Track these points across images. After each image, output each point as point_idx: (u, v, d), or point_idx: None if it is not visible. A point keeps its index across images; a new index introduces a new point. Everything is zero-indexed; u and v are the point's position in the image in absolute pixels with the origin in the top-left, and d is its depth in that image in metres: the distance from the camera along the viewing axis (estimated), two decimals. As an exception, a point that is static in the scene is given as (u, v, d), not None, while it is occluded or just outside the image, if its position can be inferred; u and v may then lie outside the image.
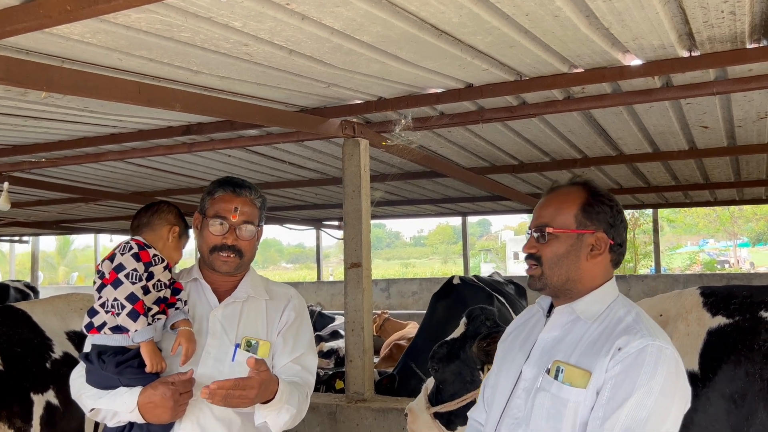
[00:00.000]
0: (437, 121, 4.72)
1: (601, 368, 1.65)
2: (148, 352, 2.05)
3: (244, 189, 2.27)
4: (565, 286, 1.81)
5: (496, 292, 6.22)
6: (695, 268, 26.98)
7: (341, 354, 7.50)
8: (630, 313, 1.76)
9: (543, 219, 1.84)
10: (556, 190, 1.90)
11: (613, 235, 1.82)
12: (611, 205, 1.84)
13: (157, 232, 2.25)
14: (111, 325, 2.06)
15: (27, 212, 10.31)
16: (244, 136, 5.34)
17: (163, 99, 3.45)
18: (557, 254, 1.80)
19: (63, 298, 3.14)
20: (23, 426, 2.46)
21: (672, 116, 5.13)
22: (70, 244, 34.92)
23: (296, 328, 2.31)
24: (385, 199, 9.91)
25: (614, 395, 1.61)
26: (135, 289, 2.06)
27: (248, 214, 2.25)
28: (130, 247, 2.13)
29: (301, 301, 2.39)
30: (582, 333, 1.76)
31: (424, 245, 55.81)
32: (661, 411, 1.59)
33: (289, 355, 2.25)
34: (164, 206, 2.32)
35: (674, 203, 11.86)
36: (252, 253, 2.31)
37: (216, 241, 2.22)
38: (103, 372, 2.09)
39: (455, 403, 3.01)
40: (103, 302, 2.07)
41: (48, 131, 5.10)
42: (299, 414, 2.17)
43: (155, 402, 2.02)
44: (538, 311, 1.97)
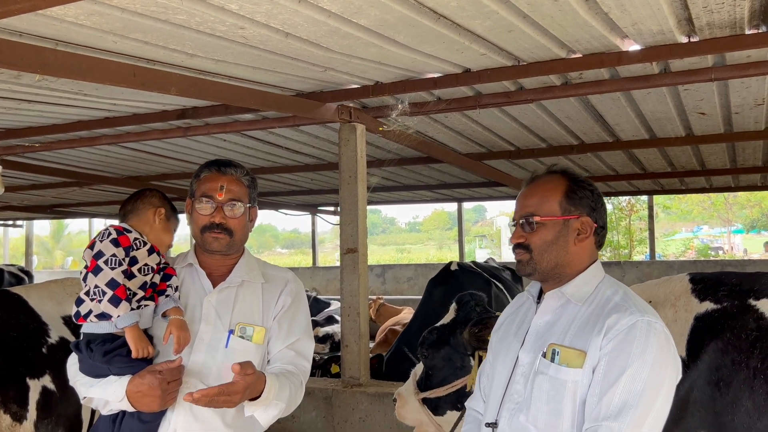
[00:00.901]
0: (434, 107, 4.70)
1: (595, 347, 1.70)
2: (132, 337, 2.03)
3: (229, 167, 2.24)
4: (554, 270, 1.86)
5: (494, 278, 6.22)
6: (689, 255, 27.08)
7: (336, 339, 7.52)
8: (617, 292, 1.82)
9: (528, 209, 1.88)
10: (537, 179, 1.94)
11: (596, 218, 1.88)
12: (591, 189, 1.90)
13: (142, 216, 2.23)
14: (96, 313, 2.04)
15: (21, 196, 10.25)
16: (240, 120, 5.31)
17: (158, 82, 3.42)
18: (546, 241, 1.85)
19: (59, 282, 3.12)
20: (19, 411, 2.45)
21: (669, 102, 5.12)
22: (64, 229, 34.78)
23: (292, 313, 2.27)
24: (381, 184, 9.89)
25: (609, 371, 1.67)
26: (115, 275, 2.03)
27: (235, 192, 2.21)
28: (108, 233, 2.11)
29: (298, 285, 2.35)
30: (573, 315, 1.81)
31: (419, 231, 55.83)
32: (655, 382, 1.65)
33: (284, 341, 2.22)
34: (147, 191, 2.30)
35: (670, 190, 11.88)
36: (243, 233, 2.27)
37: (204, 221, 2.19)
38: (91, 361, 2.07)
39: (444, 390, 3.00)
40: (87, 290, 2.05)
41: (41, 114, 5.06)
42: (292, 403, 2.14)
43: (143, 391, 2.00)
44: (528, 298, 2.01)
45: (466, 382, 2.94)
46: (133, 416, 2.06)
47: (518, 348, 1.89)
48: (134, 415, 2.05)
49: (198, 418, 2.08)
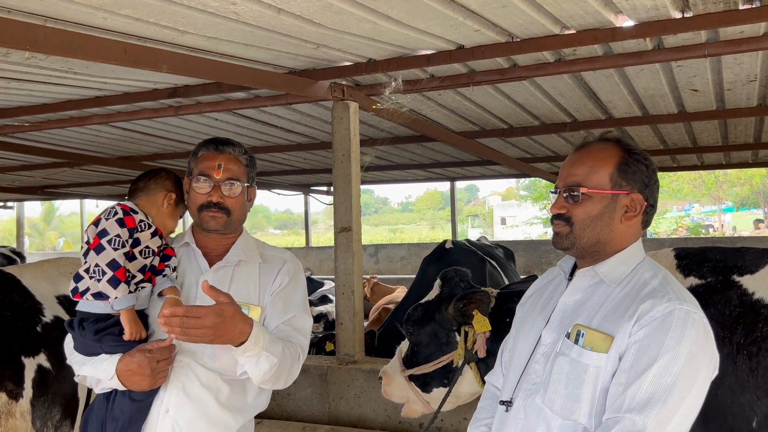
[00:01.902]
0: (427, 84, 4.67)
1: (624, 333, 1.60)
2: (127, 320, 2.02)
3: (227, 146, 2.21)
4: (594, 247, 1.74)
5: (488, 256, 6.25)
6: (680, 233, 27.25)
7: (330, 318, 7.55)
8: (656, 276, 1.70)
9: (575, 178, 1.74)
10: (588, 146, 1.79)
11: (647, 195, 1.75)
12: (647, 164, 1.76)
13: (152, 197, 2.21)
14: (93, 291, 2.03)
15: (11, 177, 10.18)
16: (232, 98, 5.27)
17: (149, 60, 3.38)
18: (590, 215, 1.72)
19: (52, 262, 3.11)
20: (15, 389, 2.45)
21: (662, 79, 5.12)
22: (55, 210, 34.64)
23: (289, 291, 2.25)
24: (374, 164, 9.87)
25: (638, 361, 1.56)
26: (117, 256, 2.01)
27: (233, 171, 2.19)
28: (115, 212, 2.09)
29: (296, 265, 2.33)
30: (605, 296, 1.70)
31: (411, 211, 55.89)
32: (687, 378, 1.54)
33: (280, 317, 2.19)
34: (162, 173, 2.27)
35: (662, 167, 11.90)
36: (241, 212, 2.25)
37: (202, 200, 2.17)
38: (83, 339, 2.07)
39: (431, 366, 3.00)
40: (87, 267, 2.03)
41: (31, 93, 5.01)
42: (288, 374, 2.10)
43: (133, 370, 1.99)
44: (559, 274, 1.91)
45: (452, 357, 2.94)
46: (125, 395, 2.06)
47: (542, 326, 1.80)
48: (125, 393, 2.06)
49: (191, 397, 2.08)
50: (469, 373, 2.88)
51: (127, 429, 2.05)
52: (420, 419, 3.92)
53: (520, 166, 9.43)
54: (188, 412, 2.08)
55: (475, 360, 2.84)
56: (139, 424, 2.07)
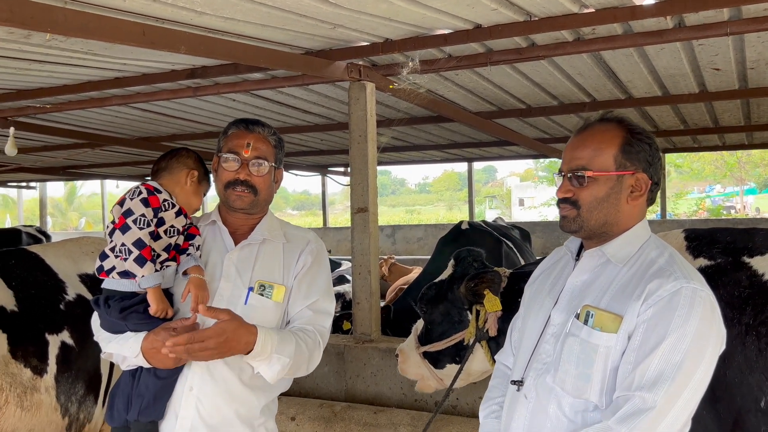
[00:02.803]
0: (444, 64, 4.65)
1: (633, 312, 1.61)
2: (154, 298, 2.05)
3: (257, 126, 2.23)
4: (601, 229, 1.75)
5: (504, 237, 6.24)
6: (701, 214, 26.96)
7: (347, 298, 7.59)
8: (663, 254, 1.71)
9: (579, 161, 1.74)
10: (590, 128, 1.79)
11: (651, 173, 1.75)
12: (649, 142, 1.76)
13: (174, 175, 2.23)
14: (119, 270, 2.06)
15: (33, 158, 10.30)
16: (249, 79, 5.28)
17: (167, 41, 3.40)
18: (597, 198, 1.72)
19: (74, 241, 3.17)
20: (39, 365, 2.52)
21: (683, 58, 5.05)
22: (77, 191, 35.04)
23: (313, 273, 2.26)
24: (390, 144, 9.86)
25: (647, 339, 1.58)
26: (142, 235, 2.04)
27: (261, 151, 2.20)
28: (139, 192, 2.11)
29: (319, 245, 2.33)
30: (612, 276, 1.71)
31: (429, 192, 55.77)
32: (695, 354, 1.56)
33: (303, 301, 2.20)
34: (183, 151, 2.29)
35: (682, 148, 11.77)
36: (268, 193, 2.26)
37: (229, 177, 2.19)
38: (109, 317, 2.10)
39: (443, 343, 3.06)
40: (113, 246, 2.06)
41: (51, 75, 5.06)
42: (304, 360, 2.12)
43: (157, 348, 2.01)
44: (566, 254, 1.91)
45: (464, 336, 2.99)
46: (150, 372, 2.09)
47: (551, 306, 1.81)
48: (151, 371, 2.09)
49: (214, 376, 2.11)
50: (480, 351, 2.93)
51: (152, 406, 2.08)
52: (435, 397, 3.96)
53: (538, 147, 9.36)
54: (211, 390, 2.10)
55: (486, 338, 2.90)
56: (164, 401, 2.10)
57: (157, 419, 2.11)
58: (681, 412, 1.57)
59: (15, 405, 2.34)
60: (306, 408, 4.03)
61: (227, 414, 2.12)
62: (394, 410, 3.95)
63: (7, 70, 4.86)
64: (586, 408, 1.67)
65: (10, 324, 2.48)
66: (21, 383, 2.40)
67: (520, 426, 1.78)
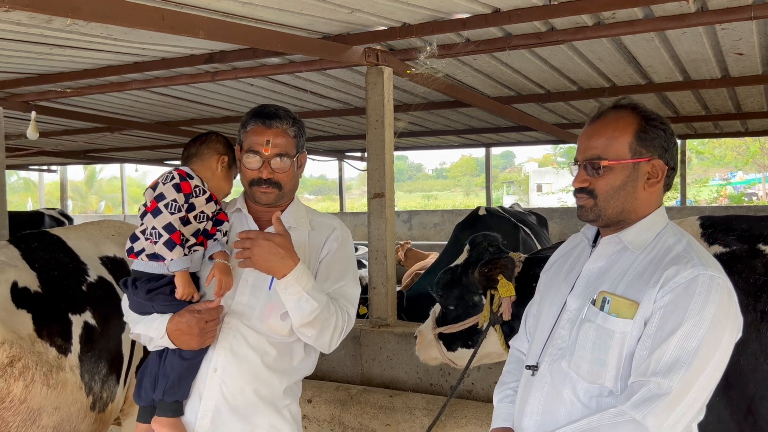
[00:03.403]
0: (463, 49, 4.63)
1: (650, 299, 1.62)
2: (182, 281, 2.09)
3: (275, 120, 2.18)
4: (619, 217, 1.75)
5: (521, 223, 6.23)
6: (722, 201, 26.64)
7: (364, 283, 7.63)
8: (680, 241, 1.71)
9: (594, 150, 1.74)
10: (603, 116, 1.78)
11: (668, 159, 1.74)
12: (664, 128, 1.75)
13: (205, 162, 2.24)
14: (148, 252, 2.10)
15: (54, 141, 10.42)
16: (267, 64, 5.30)
17: (186, 26, 3.42)
18: (613, 187, 1.72)
19: (96, 224, 3.21)
20: (64, 344, 2.56)
21: (705, 43, 4.98)
22: (96, 174, 35.39)
23: (338, 259, 2.26)
24: (408, 129, 9.83)
25: (663, 326, 1.59)
26: (173, 220, 2.07)
27: (282, 146, 2.17)
28: (172, 177, 2.13)
29: (345, 232, 2.33)
30: (629, 263, 1.72)
31: (446, 178, 55.56)
32: (711, 342, 1.56)
33: (329, 285, 2.20)
34: (213, 136, 2.30)
35: (703, 134, 11.60)
36: (292, 184, 2.26)
37: (252, 176, 2.19)
38: (136, 298, 2.15)
39: (458, 326, 3.11)
40: (143, 229, 2.10)
41: (72, 60, 5.11)
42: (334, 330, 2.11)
43: (182, 329, 2.06)
44: (583, 240, 1.92)
45: (478, 319, 3.02)
46: (175, 353, 2.13)
47: (567, 292, 1.81)
48: (176, 352, 2.13)
49: (238, 357, 2.14)
50: (493, 335, 2.96)
51: (176, 386, 2.13)
52: (449, 381, 3.99)
53: (557, 132, 9.29)
54: (235, 371, 2.13)
55: (500, 323, 2.92)
56: (189, 382, 2.14)
57: (182, 399, 2.15)
58: (696, 398, 1.57)
59: (41, 383, 2.39)
60: (322, 391, 4.07)
61: (250, 395, 2.15)
62: (409, 394, 3.98)
63: (29, 55, 4.91)
64: (600, 393, 1.67)
65: (35, 304, 2.53)
66: (47, 362, 2.45)
67: (534, 410, 1.79)
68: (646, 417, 1.55)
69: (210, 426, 2.13)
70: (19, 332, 2.40)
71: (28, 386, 2.34)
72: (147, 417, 2.19)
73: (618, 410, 1.60)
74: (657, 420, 1.54)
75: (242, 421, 2.14)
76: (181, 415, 2.15)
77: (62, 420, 2.49)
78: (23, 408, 2.33)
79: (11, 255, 2.64)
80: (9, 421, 2.29)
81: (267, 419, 2.18)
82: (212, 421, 2.13)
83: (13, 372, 2.29)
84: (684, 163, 13.93)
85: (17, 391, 2.30)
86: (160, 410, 2.14)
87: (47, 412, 2.42)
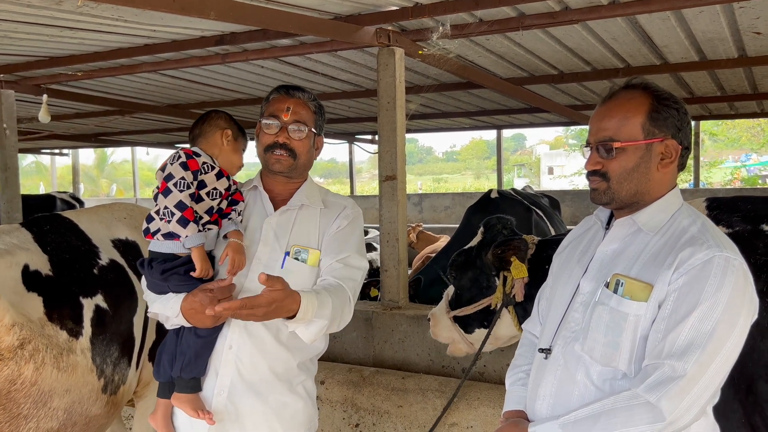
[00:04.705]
0: (475, 29, 4.56)
1: (664, 281, 1.60)
2: (198, 257, 2.12)
3: (297, 91, 2.28)
4: (633, 199, 1.73)
5: (534, 206, 6.19)
6: (735, 184, 26.39)
7: (375, 266, 7.64)
8: (695, 223, 1.69)
9: (606, 132, 1.71)
10: (615, 97, 1.75)
11: (681, 139, 1.72)
12: (677, 107, 1.72)
13: (210, 139, 2.28)
14: (164, 232, 2.14)
15: (65, 125, 10.45)
16: (277, 46, 5.26)
17: (197, 7, 3.39)
18: (626, 168, 1.70)
19: (107, 207, 3.21)
20: (75, 327, 2.57)
21: (723, 21, 4.88)
22: (107, 158, 35.52)
23: (346, 233, 2.29)
24: (419, 111, 9.77)
25: (677, 308, 1.57)
26: (183, 197, 2.10)
27: (301, 115, 2.25)
28: (178, 156, 2.18)
29: (356, 211, 2.37)
30: (644, 245, 1.70)
31: (456, 160, 55.37)
32: (727, 324, 1.55)
33: (334, 255, 2.24)
34: (213, 114, 2.34)
35: (718, 115, 11.48)
36: (307, 158, 2.31)
37: (269, 140, 2.25)
38: (151, 278, 2.18)
39: (472, 308, 3.13)
40: (157, 210, 2.14)
41: (83, 42, 5.09)
42: (338, 319, 2.13)
43: (196, 308, 2.09)
44: (596, 223, 1.90)
45: (491, 301, 3.05)
46: (191, 331, 2.18)
47: (580, 275, 1.80)
48: (191, 330, 2.18)
49: (252, 335, 2.18)
50: (507, 316, 2.98)
51: (193, 363, 2.17)
52: (462, 363, 3.98)
53: (570, 114, 9.20)
54: (249, 348, 2.19)
55: (513, 304, 2.94)
56: (205, 359, 2.19)
57: (199, 376, 2.20)
58: (711, 381, 1.56)
59: (51, 366, 2.40)
60: (335, 372, 4.08)
61: (265, 372, 2.20)
62: (422, 376, 3.98)
63: (39, 37, 4.90)
64: (614, 376, 1.67)
65: (45, 287, 2.53)
66: (57, 345, 2.46)
67: (547, 393, 1.78)
68: (660, 400, 1.53)
69: (226, 401, 2.18)
70: (30, 315, 2.40)
71: (38, 368, 2.35)
72: (167, 393, 2.24)
73: (632, 393, 1.58)
74: (671, 403, 1.53)
75: (257, 397, 2.20)
76: (199, 391, 2.20)
77: (73, 402, 2.50)
78: (34, 390, 2.34)
79: (23, 238, 2.65)
80: (20, 403, 2.31)
81: (281, 395, 2.23)
82: (228, 397, 2.18)
83: (23, 354, 2.30)
84: (697, 144, 13.79)
85: (28, 374, 2.32)
86: (178, 387, 2.19)
87: (58, 394, 2.43)
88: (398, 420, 3.78)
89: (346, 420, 3.94)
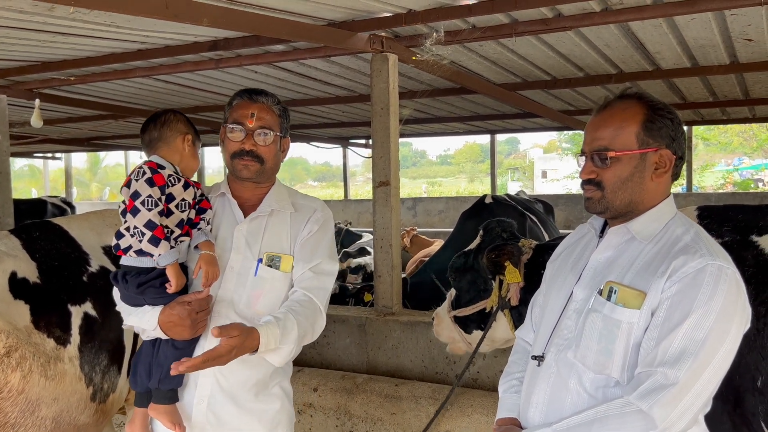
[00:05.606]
0: (469, 35, 4.57)
1: (657, 289, 1.61)
2: (173, 273, 2.09)
3: (260, 96, 2.24)
4: (627, 208, 1.73)
5: (528, 211, 6.19)
6: (728, 188, 26.50)
7: (368, 270, 7.62)
8: (688, 232, 1.70)
9: (601, 141, 1.72)
10: (609, 107, 1.76)
11: (675, 149, 1.72)
12: (671, 117, 1.73)
13: (171, 145, 2.22)
14: (135, 249, 2.09)
15: (58, 129, 10.41)
16: (271, 51, 5.25)
17: (190, 13, 3.38)
18: (621, 178, 1.71)
19: (98, 213, 3.19)
20: (62, 335, 2.55)
21: (714, 28, 4.91)
22: (100, 162, 35.40)
23: (317, 238, 2.28)
24: (412, 116, 9.78)
25: (670, 316, 1.58)
26: (152, 216, 2.05)
27: (266, 120, 2.22)
28: (143, 172, 2.10)
29: (325, 213, 2.35)
30: (637, 253, 1.71)
31: (450, 164, 55.45)
32: (719, 332, 1.55)
33: (306, 263, 2.23)
34: (171, 116, 2.26)
35: (711, 120, 11.53)
36: (274, 162, 2.28)
37: (235, 148, 2.21)
38: (127, 292, 2.15)
39: (470, 309, 3.18)
40: (127, 227, 2.09)
41: (75, 47, 5.07)
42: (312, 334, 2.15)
43: (174, 321, 2.07)
44: (590, 230, 1.90)
45: (486, 304, 3.08)
46: (168, 343, 2.16)
47: (574, 282, 1.81)
48: (169, 341, 2.15)
49: None
50: (503, 319, 3.01)
51: (171, 374, 2.13)
52: (455, 370, 3.98)
53: (563, 119, 9.23)
54: None
55: (509, 307, 2.96)
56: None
57: (177, 387, 2.18)
58: (703, 390, 1.56)
59: (39, 374, 2.38)
60: (328, 379, 4.07)
61: (243, 380, 2.20)
62: (415, 383, 3.97)
63: (31, 43, 4.88)
64: (607, 384, 1.67)
65: (33, 295, 2.51)
66: (44, 353, 2.44)
67: (540, 401, 1.78)
68: (653, 407, 1.54)
69: (206, 411, 2.18)
70: (16, 323, 2.38)
71: (26, 377, 2.33)
72: (144, 402, 2.22)
73: (624, 401, 1.58)
74: (663, 411, 1.53)
75: (237, 405, 2.20)
76: (176, 402, 2.18)
77: (61, 411, 2.48)
78: (21, 399, 2.32)
79: (12, 245, 2.63)
80: (8, 412, 2.29)
81: (260, 401, 2.24)
82: (208, 407, 2.18)
83: (10, 362, 2.28)
84: (690, 149, 13.84)
85: (15, 382, 2.30)
86: (156, 398, 2.17)
87: (46, 402, 2.41)
88: (391, 427, 3.77)
89: (339, 428, 3.93)
